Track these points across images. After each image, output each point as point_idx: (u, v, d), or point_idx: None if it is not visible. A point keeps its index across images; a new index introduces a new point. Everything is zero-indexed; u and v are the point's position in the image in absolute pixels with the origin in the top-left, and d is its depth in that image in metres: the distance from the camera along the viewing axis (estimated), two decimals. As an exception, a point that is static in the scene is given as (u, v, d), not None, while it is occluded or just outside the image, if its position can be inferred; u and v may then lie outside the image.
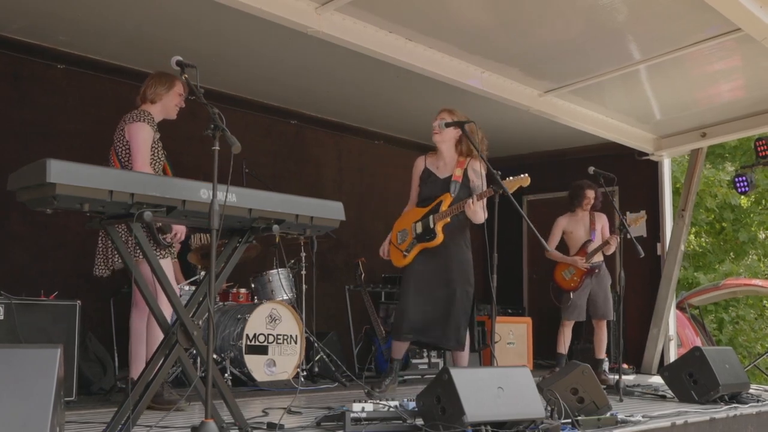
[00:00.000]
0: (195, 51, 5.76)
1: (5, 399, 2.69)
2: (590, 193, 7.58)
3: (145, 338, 4.76)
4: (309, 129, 8.83)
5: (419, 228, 5.66)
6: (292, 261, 7.16)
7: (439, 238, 5.55)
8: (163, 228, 4.60)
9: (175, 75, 4.54)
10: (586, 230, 7.60)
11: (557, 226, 7.67)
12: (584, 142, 9.16)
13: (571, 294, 7.44)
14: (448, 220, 5.55)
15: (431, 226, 5.58)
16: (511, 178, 5.30)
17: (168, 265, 4.74)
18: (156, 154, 4.87)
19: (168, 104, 5.02)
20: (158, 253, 4.64)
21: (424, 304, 5.61)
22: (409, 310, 5.62)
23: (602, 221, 7.66)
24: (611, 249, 7.45)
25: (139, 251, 4.44)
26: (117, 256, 4.67)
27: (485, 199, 5.44)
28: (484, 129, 5.56)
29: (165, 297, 3.96)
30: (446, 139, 5.69)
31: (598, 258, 7.52)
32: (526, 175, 5.30)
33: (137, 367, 4.50)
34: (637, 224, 7.45)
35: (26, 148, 6.36)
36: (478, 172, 5.59)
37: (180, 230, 4.82)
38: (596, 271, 7.49)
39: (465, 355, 5.67)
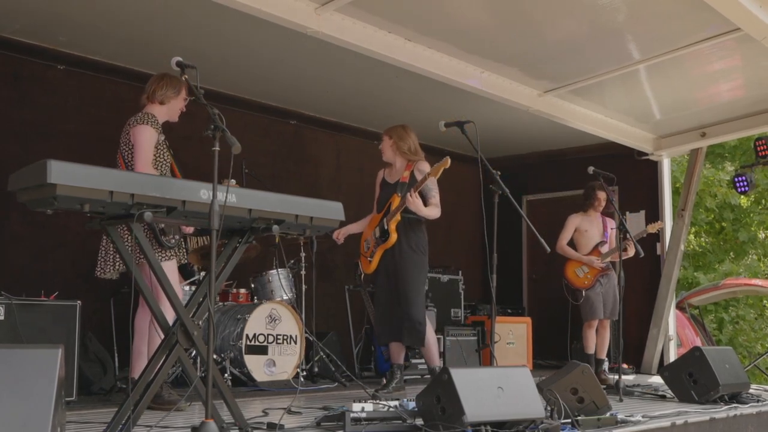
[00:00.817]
0: (194, 51, 5.75)
1: (6, 399, 2.69)
2: (602, 195, 7.56)
3: (147, 337, 4.77)
4: (308, 129, 8.83)
5: (377, 232, 6.01)
6: (292, 261, 7.16)
7: (393, 237, 5.86)
8: (165, 230, 4.60)
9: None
10: (599, 231, 7.59)
11: (570, 223, 7.58)
12: (584, 141, 9.17)
13: (584, 292, 7.42)
14: (399, 218, 5.85)
15: (385, 227, 5.90)
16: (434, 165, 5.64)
17: (173, 267, 4.79)
18: (162, 156, 4.88)
19: (174, 108, 5.06)
20: (164, 255, 4.68)
21: (386, 306, 5.96)
22: (378, 314, 6.12)
23: (612, 224, 7.66)
24: (630, 252, 7.38)
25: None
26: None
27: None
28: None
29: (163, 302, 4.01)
30: (386, 152, 6.12)
31: (613, 259, 7.51)
32: (447, 158, 5.55)
33: (139, 366, 4.50)
34: (654, 230, 7.48)
35: (26, 149, 6.36)
36: (422, 171, 5.81)
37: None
38: (609, 271, 7.49)
39: (429, 346, 5.97)
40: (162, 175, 4.79)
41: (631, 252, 7.26)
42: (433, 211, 5.85)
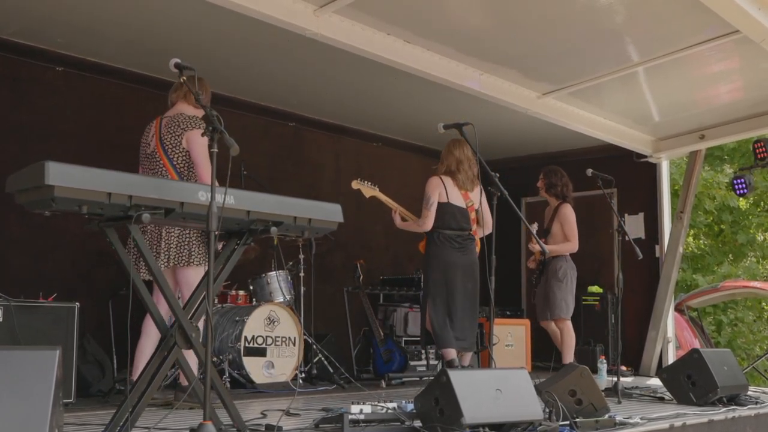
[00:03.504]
0: (193, 53, 5.75)
1: (4, 400, 2.69)
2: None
3: (154, 339, 4.80)
4: (307, 131, 8.83)
5: None
6: (291, 263, 7.15)
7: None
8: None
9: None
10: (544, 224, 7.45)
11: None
12: (583, 144, 9.16)
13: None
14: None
15: None
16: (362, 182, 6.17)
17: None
18: None
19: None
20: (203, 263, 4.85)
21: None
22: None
23: (560, 217, 7.27)
24: (555, 251, 7.15)
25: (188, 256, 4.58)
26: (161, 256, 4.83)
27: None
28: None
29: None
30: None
31: (553, 254, 7.18)
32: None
33: (141, 366, 4.52)
34: (534, 247, 7.11)
35: (24, 151, 6.35)
36: (425, 188, 6.10)
37: None
38: (539, 266, 7.40)
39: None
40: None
41: (551, 248, 6.96)
42: (411, 226, 6.20)
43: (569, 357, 7.07)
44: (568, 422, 4.29)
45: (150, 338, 4.82)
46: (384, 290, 8.50)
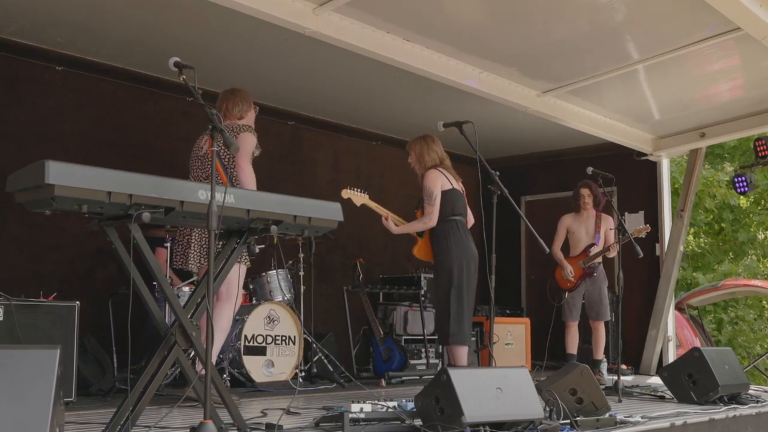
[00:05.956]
0: (192, 52, 5.76)
1: (5, 399, 2.68)
2: (583, 191, 7.62)
3: (225, 334, 5.04)
4: (306, 130, 8.82)
5: None
6: (291, 262, 7.15)
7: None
8: None
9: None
10: (588, 232, 7.62)
11: (561, 225, 7.69)
12: (583, 142, 9.16)
13: (566, 294, 7.52)
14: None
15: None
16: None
17: (244, 270, 5.14)
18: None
19: (251, 120, 5.33)
20: (244, 260, 5.03)
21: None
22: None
23: (608, 224, 7.66)
24: (612, 253, 7.51)
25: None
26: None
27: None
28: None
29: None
30: (414, 165, 6.04)
31: (597, 260, 7.55)
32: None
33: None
34: (640, 234, 7.45)
35: (24, 150, 6.34)
36: (422, 185, 5.88)
37: None
38: (594, 273, 7.51)
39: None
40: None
41: (613, 253, 7.36)
42: (415, 226, 5.92)
43: (601, 353, 7.65)
44: (568, 421, 4.29)
45: (222, 333, 5.00)
46: (383, 289, 8.50)
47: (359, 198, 6.11)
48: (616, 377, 6.02)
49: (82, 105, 6.99)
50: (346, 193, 6.03)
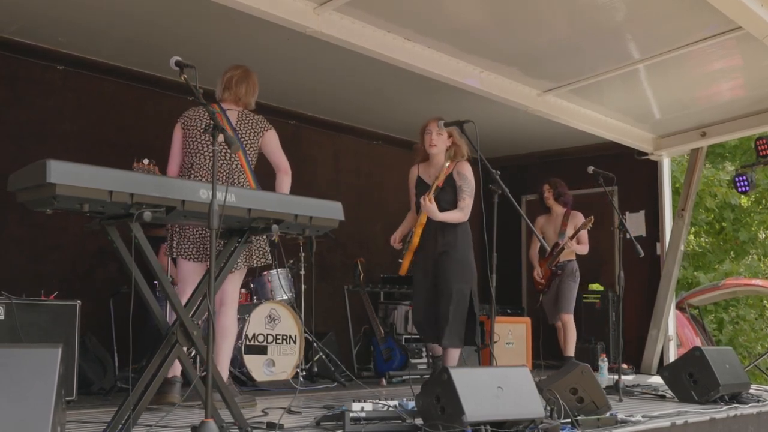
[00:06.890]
0: (193, 51, 5.75)
1: (6, 398, 2.69)
2: (544, 187, 7.79)
3: (232, 339, 5.00)
4: (306, 129, 8.81)
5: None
6: (291, 261, 7.16)
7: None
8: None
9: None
10: (555, 231, 7.74)
11: (536, 226, 7.82)
12: (583, 141, 9.15)
13: (541, 296, 7.67)
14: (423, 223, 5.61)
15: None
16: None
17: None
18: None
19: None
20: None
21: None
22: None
23: (575, 221, 7.70)
24: (580, 250, 7.56)
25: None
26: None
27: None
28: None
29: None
30: (441, 149, 5.69)
31: (567, 257, 7.63)
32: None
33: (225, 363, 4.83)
34: (586, 227, 7.49)
35: (24, 150, 6.34)
36: (462, 174, 5.62)
37: None
38: (559, 272, 7.61)
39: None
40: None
41: (580, 249, 7.39)
42: (454, 216, 5.57)
43: (572, 351, 7.62)
44: (569, 420, 4.29)
45: (228, 338, 4.99)
46: (384, 288, 8.50)
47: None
48: (617, 376, 6.02)
49: (82, 105, 6.99)
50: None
